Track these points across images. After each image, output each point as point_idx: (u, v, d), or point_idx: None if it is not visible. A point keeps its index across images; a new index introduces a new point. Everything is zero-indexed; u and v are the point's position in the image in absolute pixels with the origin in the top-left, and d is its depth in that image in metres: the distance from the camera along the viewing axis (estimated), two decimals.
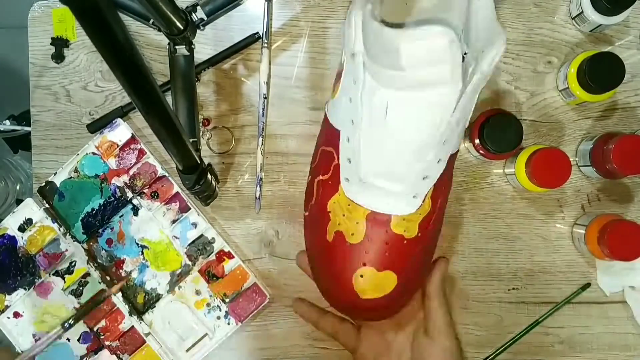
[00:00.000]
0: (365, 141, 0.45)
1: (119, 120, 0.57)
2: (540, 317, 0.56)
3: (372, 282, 0.46)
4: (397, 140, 0.44)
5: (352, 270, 0.46)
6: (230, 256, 0.57)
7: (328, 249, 0.48)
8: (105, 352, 0.56)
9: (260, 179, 0.56)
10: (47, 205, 0.57)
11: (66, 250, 0.57)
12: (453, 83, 0.41)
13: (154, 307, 0.56)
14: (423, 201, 0.46)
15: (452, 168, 0.49)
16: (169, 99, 0.55)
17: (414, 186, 0.46)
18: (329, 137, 0.50)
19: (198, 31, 0.54)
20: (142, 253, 0.57)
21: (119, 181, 0.57)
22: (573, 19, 0.58)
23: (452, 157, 0.47)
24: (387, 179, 0.45)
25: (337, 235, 0.47)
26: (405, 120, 0.43)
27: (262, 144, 0.56)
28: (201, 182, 0.48)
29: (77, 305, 0.56)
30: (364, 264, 0.46)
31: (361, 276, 0.46)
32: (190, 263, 0.57)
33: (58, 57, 0.59)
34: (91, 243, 0.57)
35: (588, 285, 0.57)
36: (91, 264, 0.56)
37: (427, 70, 0.40)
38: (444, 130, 0.43)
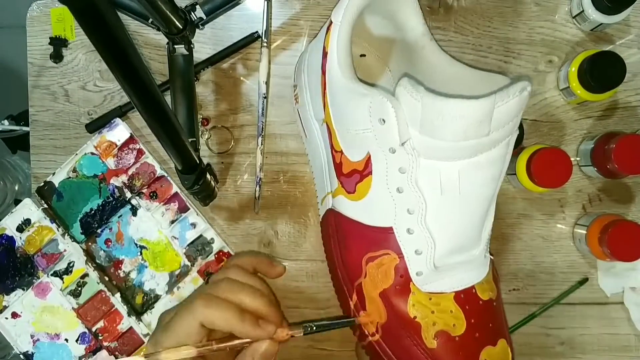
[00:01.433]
0: (436, 222, 0.42)
1: (118, 120, 0.57)
2: (538, 310, 0.56)
3: None
4: (470, 207, 0.42)
5: None
6: (229, 257, 0.56)
7: (439, 356, 0.43)
8: (103, 353, 0.56)
9: (260, 179, 0.56)
10: (45, 206, 0.57)
11: (64, 250, 0.56)
12: (515, 131, 0.40)
13: (153, 307, 0.56)
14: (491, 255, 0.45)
15: None
16: (167, 98, 0.55)
17: (486, 245, 0.45)
18: (373, 240, 0.45)
19: (197, 30, 0.54)
20: (141, 253, 0.57)
21: (117, 181, 0.57)
22: (574, 17, 0.57)
23: None
24: (464, 250, 0.43)
25: (440, 336, 0.43)
26: (476, 184, 0.41)
27: (261, 144, 0.56)
28: (200, 182, 0.48)
29: (76, 306, 0.56)
30: (481, 348, 0.43)
31: None
32: (189, 263, 0.56)
33: (56, 56, 0.59)
34: (90, 243, 0.57)
35: (586, 279, 0.57)
36: (90, 264, 0.56)
37: (506, 127, 0.38)
38: (501, 179, 0.42)
